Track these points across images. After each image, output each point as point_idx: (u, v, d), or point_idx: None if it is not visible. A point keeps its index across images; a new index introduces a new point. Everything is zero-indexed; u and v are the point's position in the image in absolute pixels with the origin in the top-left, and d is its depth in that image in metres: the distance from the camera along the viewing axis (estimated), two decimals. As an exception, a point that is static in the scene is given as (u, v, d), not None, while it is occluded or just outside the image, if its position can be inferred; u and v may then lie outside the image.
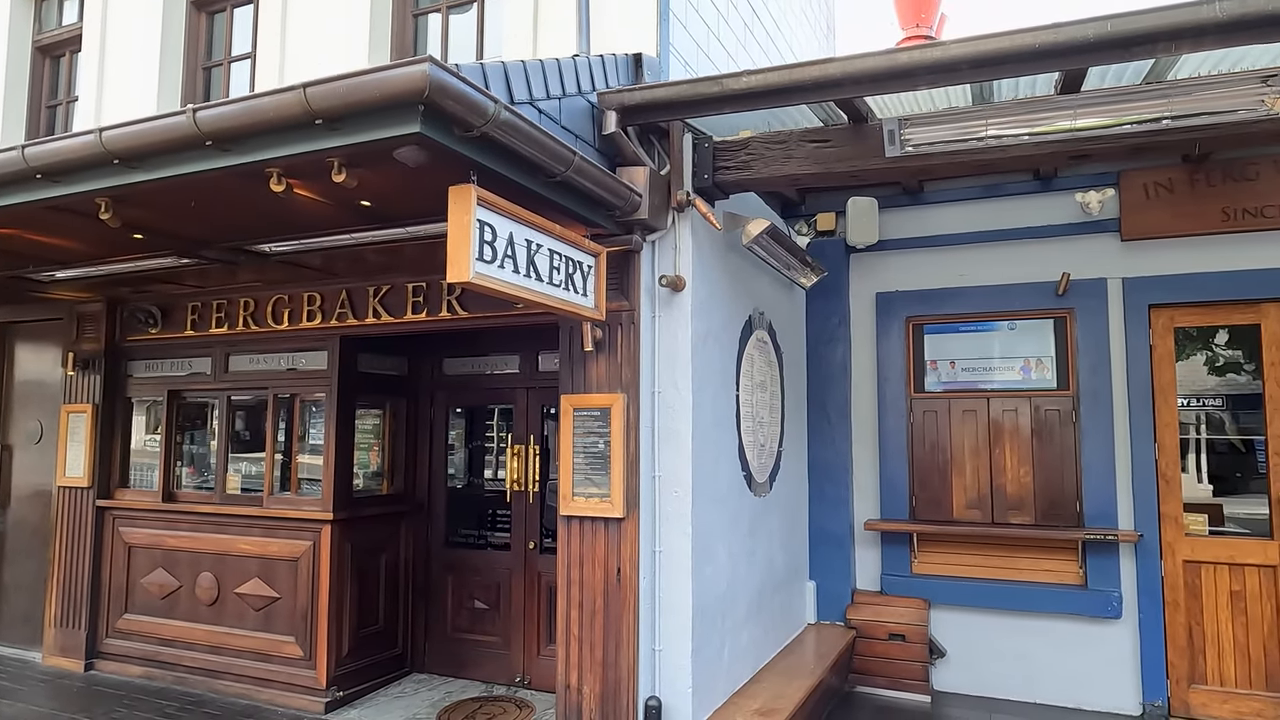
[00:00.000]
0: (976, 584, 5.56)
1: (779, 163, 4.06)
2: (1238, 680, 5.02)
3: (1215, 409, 5.64)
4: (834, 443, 5.91)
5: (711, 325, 4.33)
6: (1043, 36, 3.04)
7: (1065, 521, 5.41)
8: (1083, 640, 5.30)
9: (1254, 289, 5.09)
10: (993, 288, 5.68)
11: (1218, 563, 5.12)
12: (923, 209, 5.91)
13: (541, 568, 5.41)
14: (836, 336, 5.99)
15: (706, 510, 4.18)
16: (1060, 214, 5.53)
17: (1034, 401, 5.56)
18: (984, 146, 3.65)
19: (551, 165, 3.21)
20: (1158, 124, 3.40)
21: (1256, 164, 5.06)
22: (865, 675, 5.63)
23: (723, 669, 4.33)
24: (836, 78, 3.38)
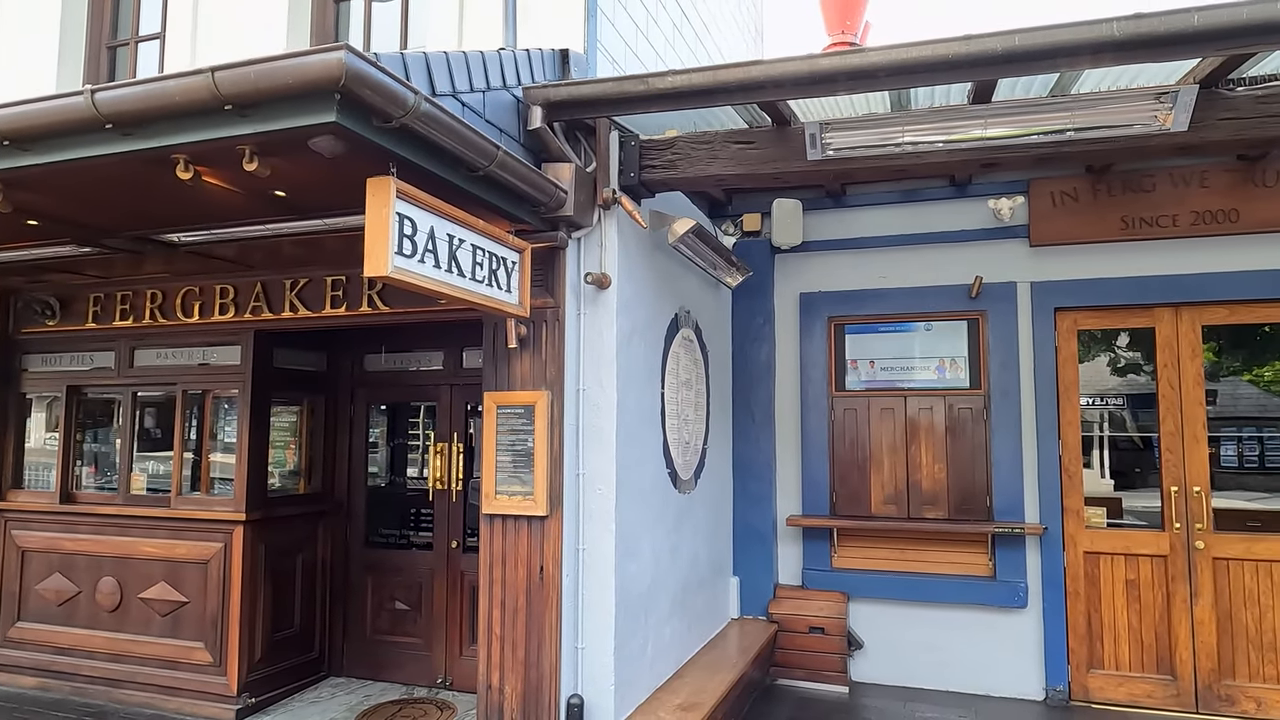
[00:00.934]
0: (893, 577, 5.73)
1: (704, 163, 4.10)
2: (1131, 664, 5.31)
3: (1117, 408, 5.95)
4: (758, 440, 6.01)
5: (637, 323, 4.35)
6: (955, 48, 3.15)
7: (976, 516, 5.62)
8: (991, 629, 5.52)
9: (1149, 294, 5.38)
10: (911, 289, 5.86)
11: (1115, 553, 5.40)
12: (845, 212, 6.06)
13: (464, 567, 5.34)
14: (761, 336, 6.08)
15: (631, 507, 4.19)
16: (974, 219, 5.74)
17: (948, 400, 5.76)
18: (901, 152, 3.76)
19: (474, 159, 3.17)
20: (1062, 135, 3.57)
21: (1153, 176, 5.35)
22: (786, 668, 5.74)
23: (646, 665, 4.35)
24: (759, 80, 3.42)
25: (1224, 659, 5.15)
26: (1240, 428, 5.87)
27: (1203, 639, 5.17)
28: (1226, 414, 6.34)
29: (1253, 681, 5.10)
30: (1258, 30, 2.86)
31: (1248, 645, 5.12)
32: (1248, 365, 5.65)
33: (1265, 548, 5.16)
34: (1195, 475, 5.29)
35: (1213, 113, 3.45)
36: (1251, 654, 5.11)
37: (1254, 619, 5.12)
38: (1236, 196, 5.19)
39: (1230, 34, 2.90)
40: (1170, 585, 5.26)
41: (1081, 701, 5.35)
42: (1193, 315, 5.39)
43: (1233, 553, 5.19)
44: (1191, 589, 5.22)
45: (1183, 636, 5.21)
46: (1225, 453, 5.91)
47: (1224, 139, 3.50)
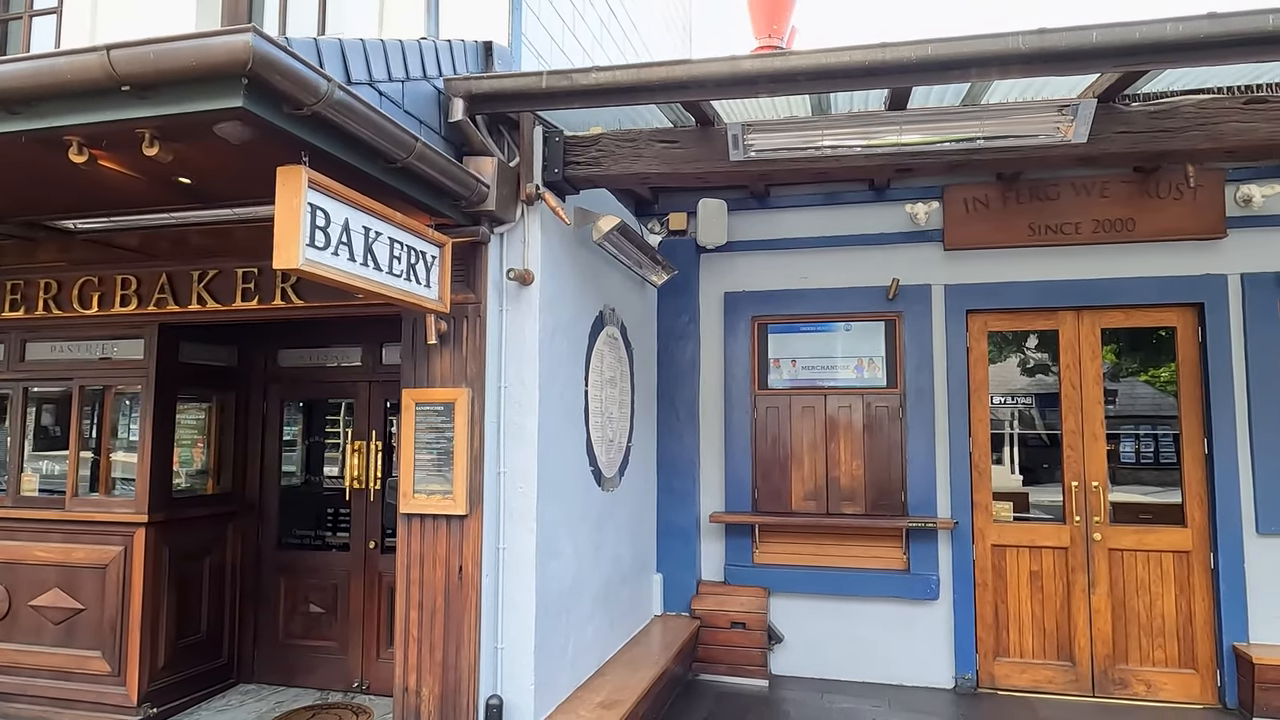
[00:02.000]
0: (812, 572, 5.85)
1: (629, 161, 4.09)
2: (1034, 652, 5.55)
3: (1026, 406, 6.21)
4: (682, 438, 6.05)
5: (561, 320, 4.32)
6: (872, 54, 3.23)
7: (892, 511, 5.79)
8: (905, 621, 5.70)
9: (1054, 298, 5.63)
10: (831, 290, 5.99)
11: (1020, 546, 5.64)
12: (769, 213, 6.15)
13: (383, 568, 5.22)
14: (686, 334, 6.13)
15: (553, 506, 4.17)
16: (892, 223, 5.91)
17: (866, 398, 5.92)
18: (821, 155, 3.84)
19: (392, 150, 3.09)
20: (972, 143, 3.70)
21: (1058, 185, 5.60)
22: (708, 663, 5.80)
23: (567, 664, 4.33)
24: (683, 80, 3.44)
25: (1118, 644, 5.43)
26: (1137, 425, 6.20)
27: (1099, 626, 5.45)
28: (1125, 413, 6.69)
29: (1143, 665, 5.40)
30: (1149, 49, 3.02)
31: (1139, 631, 5.42)
32: (1144, 367, 5.97)
33: (1155, 538, 5.47)
34: (1094, 471, 5.57)
35: (1110, 126, 3.63)
36: (1143, 639, 5.41)
37: (1145, 606, 5.42)
38: (1133, 206, 5.48)
39: (1124, 52, 3.05)
40: (1070, 576, 5.53)
41: (988, 689, 5.56)
42: (1093, 319, 5.66)
43: (1126, 544, 5.48)
44: (1089, 579, 5.49)
45: (1081, 624, 5.47)
46: (1124, 449, 6.23)
47: (1120, 151, 3.68)
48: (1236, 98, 3.61)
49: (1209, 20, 2.97)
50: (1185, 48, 3.01)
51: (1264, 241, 5.36)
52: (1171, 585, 5.41)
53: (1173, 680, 5.34)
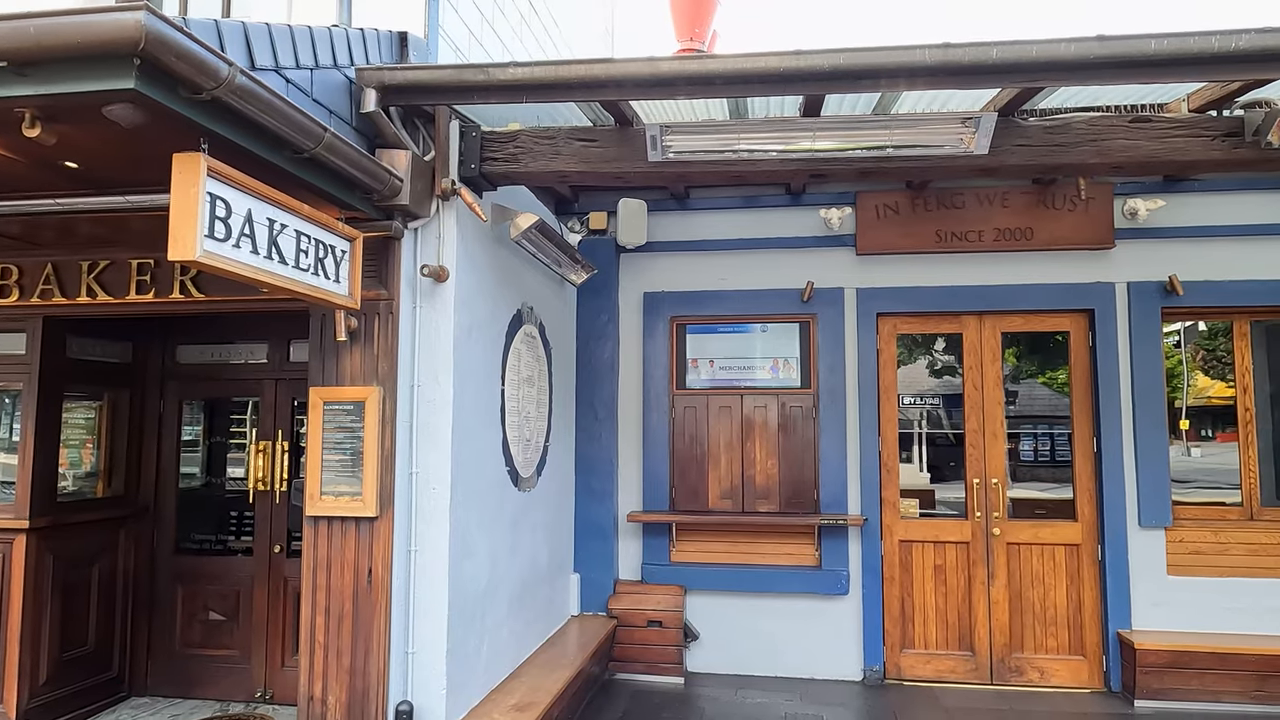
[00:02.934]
0: (728, 569, 5.93)
1: (547, 158, 4.06)
2: (938, 643, 5.77)
3: (934, 407, 6.43)
4: (600, 437, 6.04)
5: (477, 318, 4.26)
6: (786, 61, 3.29)
7: (805, 509, 5.92)
8: (817, 616, 5.83)
9: (958, 302, 5.87)
10: (748, 292, 6.08)
11: (925, 541, 5.85)
12: (689, 214, 6.21)
13: (288, 573, 5.03)
14: (606, 334, 6.12)
15: (467, 506, 4.10)
16: (807, 227, 6.04)
17: (781, 399, 6.03)
18: (738, 158, 3.89)
19: (299, 140, 2.98)
20: (882, 151, 3.80)
21: (963, 194, 5.83)
22: (625, 662, 5.81)
23: (481, 667, 4.27)
24: (602, 79, 3.44)
25: (1014, 634, 5.70)
26: (1035, 425, 6.51)
27: (997, 617, 5.70)
28: (1025, 413, 7.01)
29: (1038, 653, 5.68)
30: (1043, 67, 3.17)
31: (1034, 621, 5.69)
32: (1043, 369, 6.27)
33: (1050, 532, 5.76)
34: (994, 468, 5.82)
35: (1009, 139, 3.80)
36: (1037, 628, 5.69)
37: (1039, 597, 5.70)
38: (1032, 216, 5.75)
39: (1022, 69, 3.20)
40: (971, 569, 5.76)
41: (895, 680, 5.75)
42: (994, 323, 5.92)
43: (1023, 538, 5.75)
44: (989, 571, 5.74)
45: (981, 615, 5.72)
46: (1023, 448, 6.54)
47: (1018, 164, 3.86)
48: (1123, 116, 3.83)
49: (1098, 42, 3.14)
50: (1077, 67, 3.18)
51: (1148, 252, 5.70)
52: (1063, 576, 5.70)
53: (1064, 666, 5.63)
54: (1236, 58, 3.10)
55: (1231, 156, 3.70)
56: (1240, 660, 5.14)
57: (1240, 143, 3.67)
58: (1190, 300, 5.64)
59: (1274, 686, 5.12)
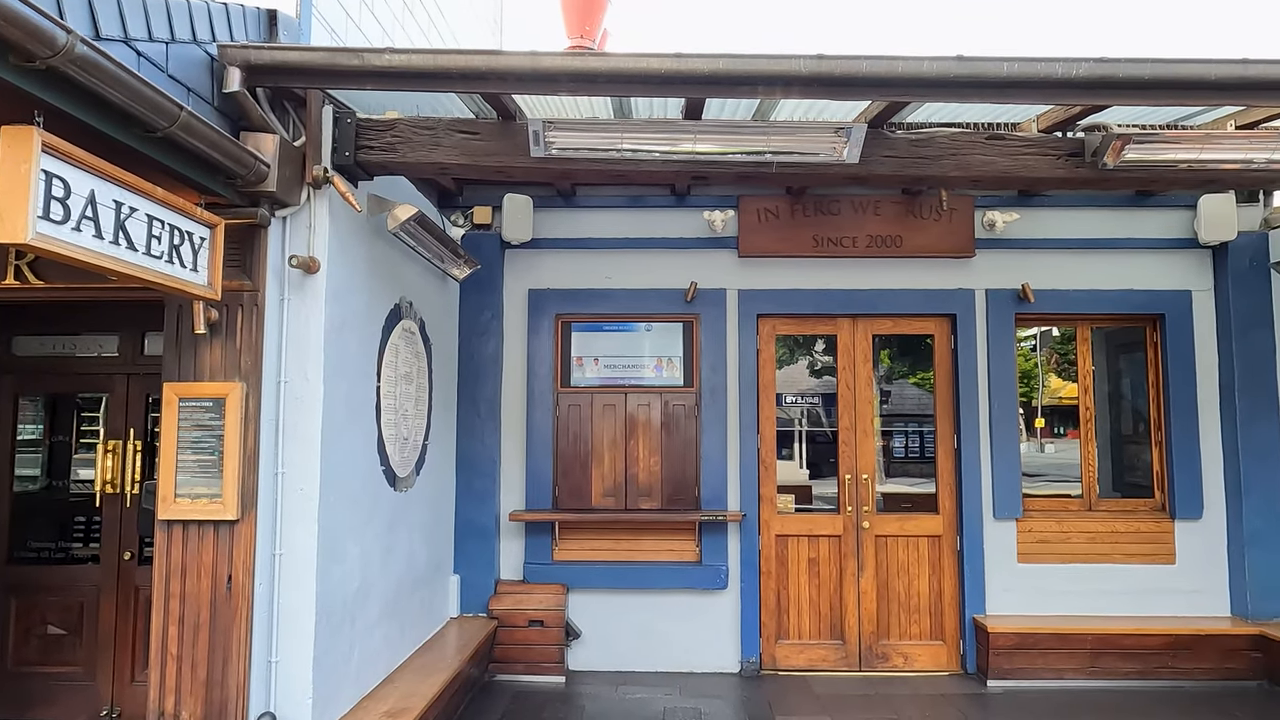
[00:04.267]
0: (610, 567, 5.95)
1: (427, 149, 3.96)
2: (810, 633, 5.99)
3: (813, 405, 6.67)
4: (483, 436, 5.95)
5: (350, 312, 4.10)
6: (668, 63, 3.33)
7: (686, 505, 6.02)
8: (697, 610, 5.94)
9: (833, 305, 6.10)
10: (634, 291, 6.13)
11: (800, 535, 6.06)
12: (575, 212, 6.19)
13: (140, 581, 4.70)
14: (489, 330, 6.03)
15: (338, 507, 3.95)
16: (692, 228, 6.14)
17: (664, 397, 6.11)
18: (621, 158, 3.90)
19: (151, 118, 2.79)
20: (761, 156, 3.91)
21: (839, 201, 6.07)
22: (506, 663, 5.75)
23: (351, 673, 4.12)
24: (483, 71, 3.38)
25: (881, 622, 5.98)
26: (906, 423, 6.87)
27: (866, 606, 5.97)
28: (897, 411, 7.37)
29: (903, 639, 5.98)
30: (908, 83, 3.34)
31: (899, 609, 5.99)
32: (913, 370, 6.61)
33: (915, 525, 6.07)
34: (864, 464, 6.09)
35: (879, 150, 3.98)
36: (902, 616, 5.99)
37: (904, 586, 6.00)
38: (901, 225, 6.05)
39: (889, 83, 3.35)
40: (842, 561, 6.01)
41: (770, 670, 5.93)
42: (866, 325, 6.19)
43: (890, 530, 6.04)
44: (859, 563, 6.00)
45: (851, 605, 5.97)
46: (895, 445, 6.87)
47: (887, 174, 4.05)
48: (981, 133, 4.09)
49: (957, 62, 3.33)
50: (938, 84, 3.36)
51: (1004, 262, 6.10)
52: (926, 566, 6.03)
53: (925, 651, 5.95)
54: (1077, 84, 3.36)
55: (1074, 175, 4.01)
56: (1078, 639, 5.58)
57: (1081, 162, 3.98)
58: (1040, 307, 6.07)
59: (1107, 662, 5.59)
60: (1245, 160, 3.87)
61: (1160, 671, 5.58)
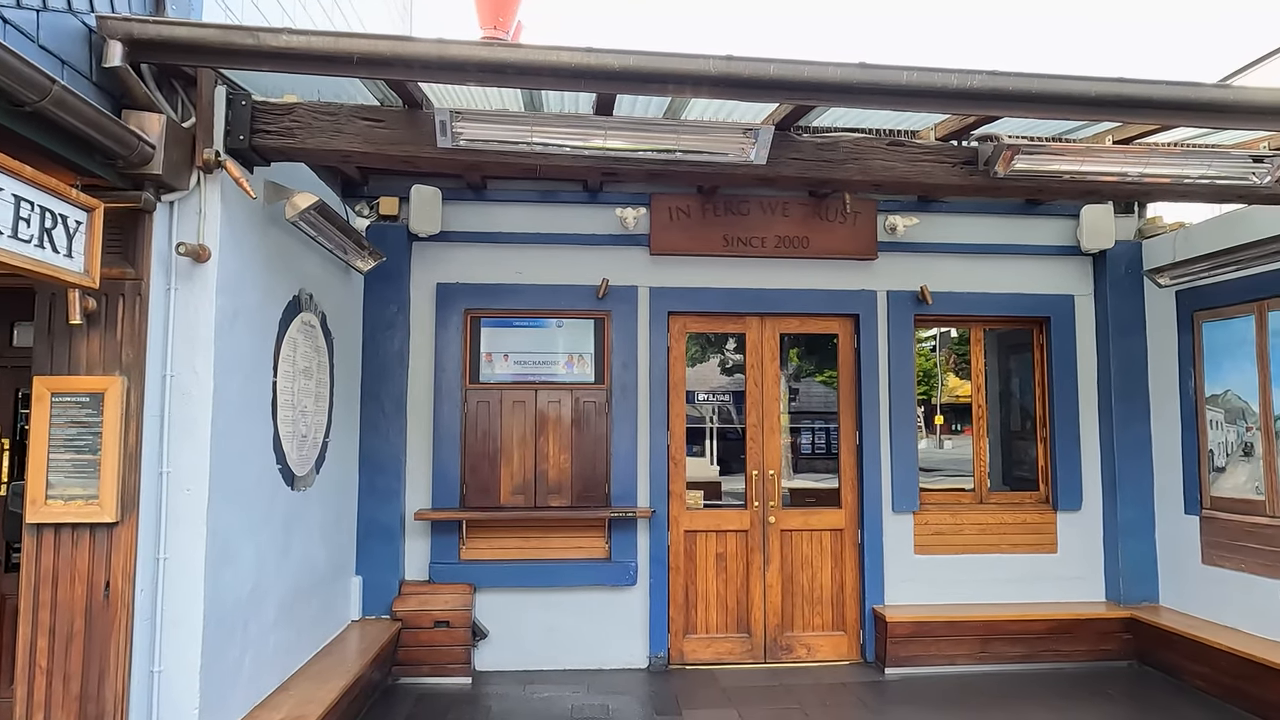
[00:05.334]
0: (519, 565, 5.89)
1: (328, 136, 3.82)
2: (718, 627, 6.08)
3: (726, 402, 6.75)
4: (388, 433, 5.79)
5: (244, 303, 3.92)
6: (578, 57, 3.31)
7: (596, 502, 6.01)
8: (606, 607, 5.94)
9: (742, 304, 6.20)
10: (545, 287, 6.07)
11: (709, 530, 6.14)
12: (486, 205, 6.09)
13: (8, 590, 4.38)
14: (395, 325, 5.87)
15: (229, 508, 3.76)
16: (604, 225, 6.13)
17: (575, 393, 6.08)
18: (531, 151, 3.85)
19: (19, 91, 2.59)
20: (671, 155, 3.92)
21: (748, 202, 6.17)
22: (410, 665, 5.61)
23: (243, 681, 3.94)
24: (387, 57, 3.28)
25: (786, 614, 6.12)
26: (814, 420, 7.02)
27: (771, 599, 6.10)
28: (805, 409, 7.53)
29: (806, 631, 6.14)
30: (813, 87, 3.42)
31: (803, 601, 6.15)
32: (820, 368, 6.77)
33: (819, 519, 6.24)
34: (771, 460, 6.22)
35: (785, 152, 4.06)
36: (805, 608, 6.14)
37: (808, 578, 6.16)
38: (808, 226, 6.19)
39: (795, 86, 3.42)
40: (749, 556, 6.12)
41: (678, 665, 5.98)
42: (774, 324, 6.32)
43: (795, 525, 6.19)
44: (765, 557, 6.12)
45: (757, 598, 6.09)
46: (803, 441, 7.03)
47: (793, 176, 4.13)
48: (883, 139, 4.22)
49: (859, 68, 3.43)
50: (841, 89, 3.45)
51: (905, 264, 6.33)
52: (829, 559, 6.20)
53: (827, 642, 6.12)
54: (971, 95, 3.51)
55: (968, 182, 4.19)
56: (969, 627, 5.85)
57: (974, 170, 4.16)
58: (938, 309, 6.33)
59: (995, 647, 5.87)
60: (1121, 173, 4.12)
61: (1043, 655, 5.90)
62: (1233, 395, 5.58)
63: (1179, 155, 4.15)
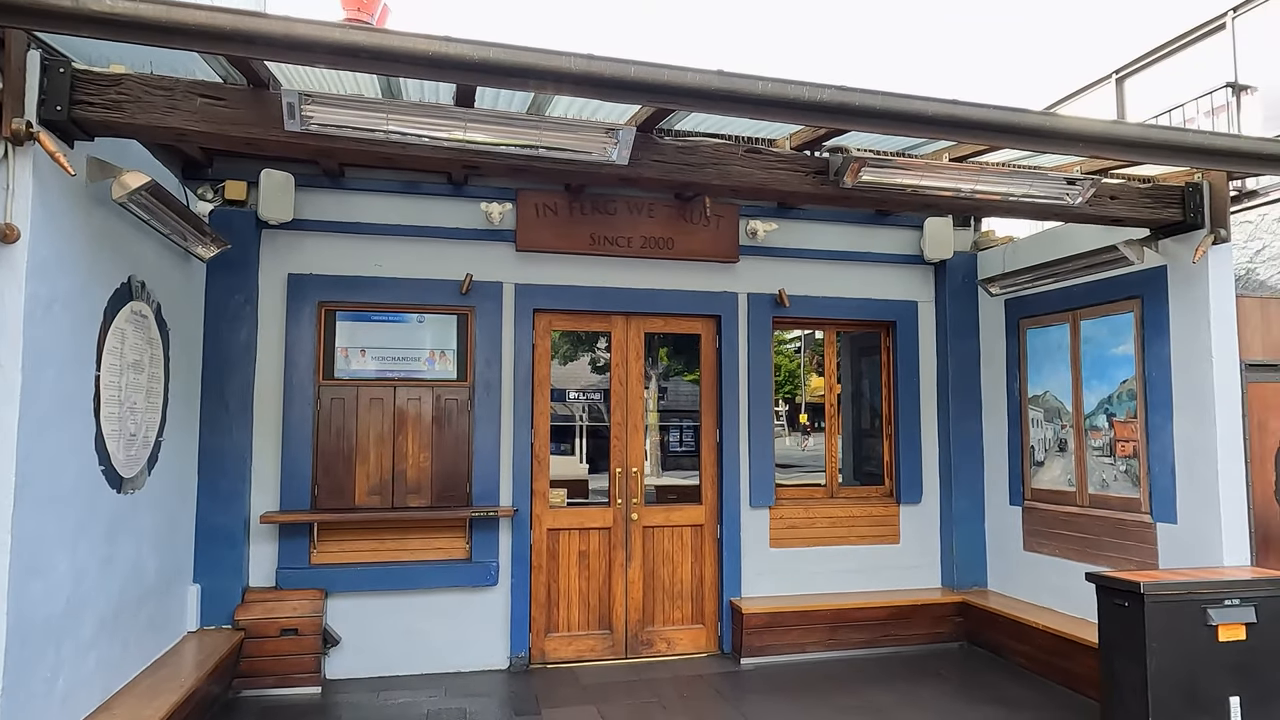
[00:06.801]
0: (375, 568, 5.69)
1: (162, 112, 3.55)
2: (580, 625, 6.09)
3: (595, 401, 6.77)
4: (231, 431, 5.45)
5: (62, 290, 3.58)
6: (436, 46, 3.22)
7: (457, 502, 5.89)
8: (466, 608, 5.83)
9: (608, 303, 6.24)
10: (406, 280, 5.90)
11: (572, 528, 6.14)
12: (344, 194, 5.85)
13: None
14: (241, 317, 5.53)
15: (40, 514, 3.43)
16: (469, 219, 6.01)
17: (436, 391, 5.94)
18: (387, 140, 3.73)
19: None
20: (534, 150, 3.90)
21: (615, 202, 6.22)
22: (254, 677, 5.31)
23: (56, 702, 3.60)
24: (226, 31, 3.07)
25: (647, 609, 6.21)
26: (682, 419, 7.16)
27: (633, 595, 6.17)
28: (672, 407, 7.67)
29: (666, 625, 6.25)
30: (672, 91, 3.47)
31: (664, 596, 6.26)
32: (688, 368, 6.91)
33: (680, 515, 6.37)
34: (634, 458, 6.29)
35: (648, 154, 4.12)
36: (666, 603, 6.26)
37: (669, 574, 6.28)
38: (673, 228, 6.31)
39: (654, 89, 3.47)
40: (612, 553, 6.17)
41: (539, 664, 5.96)
42: (639, 323, 6.40)
43: (657, 521, 6.30)
44: (627, 554, 6.19)
45: (619, 595, 6.15)
46: (671, 439, 7.15)
47: (655, 177, 4.20)
48: (741, 145, 4.35)
49: (717, 76, 3.52)
50: (699, 94, 3.52)
51: (765, 268, 6.56)
52: (689, 554, 6.34)
53: (686, 635, 6.26)
54: (820, 107, 3.67)
55: (819, 191, 4.38)
56: (819, 615, 6.14)
57: (825, 180, 4.36)
58: (795, 311, 6.60)
59: (842, 634, 6.19)
60: (955, 188, 4.44)
61: (884, 639, 6.27)
62: (1051, 395, 6.12)
63: (1006, 175, 4.51)
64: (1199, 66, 7.86)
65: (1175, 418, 5.04)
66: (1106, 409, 5.61)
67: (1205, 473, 4.83)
